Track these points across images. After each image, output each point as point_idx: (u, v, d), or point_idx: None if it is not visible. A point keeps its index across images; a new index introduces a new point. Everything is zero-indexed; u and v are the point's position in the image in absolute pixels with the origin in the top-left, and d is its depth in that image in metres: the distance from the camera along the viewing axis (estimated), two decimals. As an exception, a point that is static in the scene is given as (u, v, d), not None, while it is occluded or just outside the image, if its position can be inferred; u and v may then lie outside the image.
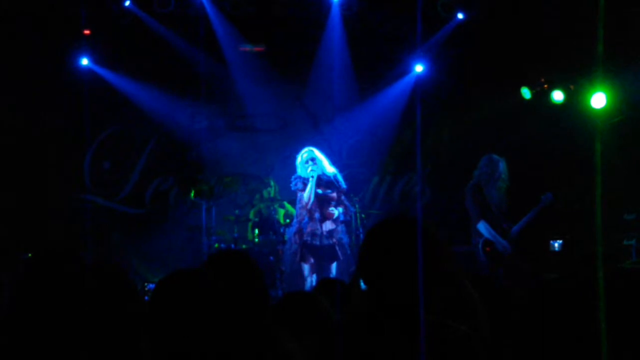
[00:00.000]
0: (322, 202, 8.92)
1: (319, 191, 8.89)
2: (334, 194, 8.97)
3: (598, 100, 8.90)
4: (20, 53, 10.15)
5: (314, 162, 8.90)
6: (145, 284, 9.05)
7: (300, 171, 8.97)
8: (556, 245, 8.48)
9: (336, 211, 8.94)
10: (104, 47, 10.70)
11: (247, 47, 11.25)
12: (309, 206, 8.85)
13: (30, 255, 9.65)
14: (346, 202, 9.05)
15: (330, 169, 9.02)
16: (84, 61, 10.73)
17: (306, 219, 8.89)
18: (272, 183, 10.33)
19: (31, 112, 10.36)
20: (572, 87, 9.93)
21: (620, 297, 2.74)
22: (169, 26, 10.76)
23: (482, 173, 8.90)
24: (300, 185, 8.91)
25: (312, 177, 8.82)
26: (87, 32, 10.61)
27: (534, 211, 8.76)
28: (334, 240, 8.84)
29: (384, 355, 2.46)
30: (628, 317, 2.70)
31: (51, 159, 10.57)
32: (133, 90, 10.93)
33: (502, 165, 8.89)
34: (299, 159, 8.98)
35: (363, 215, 9.48)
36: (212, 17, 10.89)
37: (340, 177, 9.04)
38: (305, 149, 9.03)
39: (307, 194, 8.83)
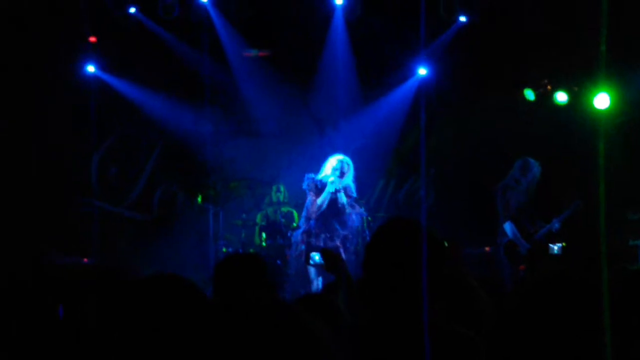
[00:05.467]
0: (332, 205, 8.85)
1: (332, 196, 8.79)
2: (345, 199, 8.86)
3: (601, 101, 8.93)
4: (27, 60, 10.20)
5: (341, 173, 8.73)
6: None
7: (324, 172, 8.80)
8: (555, 248, 8.42)
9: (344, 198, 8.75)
10: (109, 54, 10.78)
11: (252, 53, 11.31)
12: (319, 212, 8.79)
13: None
14: (356, 205, 8.96)
15: (346, 181, 8.86)
16: (90, 68, 10.81)
17: (312, 221, 8.85)
18: (282, 189, 10.37)
19: (39, 119, 10.42)
20: (575, 88, 9.98)
21: (626, 297, 2.78)
22: (174, 32, 10.83)
23: (512, 175, 8.92)
24: (312, 186, 8.77)
25: (331, 190, 8.68)
26: (93, 39, 10.69)
27: (561, 217, 8.77)
28: (338, 243, 8.80)
29: (389, 358, 2.47)
30: (633, 316, 2.74)
31: (58, 165, 10.61)
32: (139, 96, 11.00)
33: (535, 171, 8.89)
34: (332, 161, 8.79)
35: (370, 219, 9.49)
36: (216, 23, 10.95)
37: (353, 189, 8.87)
38: (343, 157, 8.85)
39: (322, 200, 8.71)
